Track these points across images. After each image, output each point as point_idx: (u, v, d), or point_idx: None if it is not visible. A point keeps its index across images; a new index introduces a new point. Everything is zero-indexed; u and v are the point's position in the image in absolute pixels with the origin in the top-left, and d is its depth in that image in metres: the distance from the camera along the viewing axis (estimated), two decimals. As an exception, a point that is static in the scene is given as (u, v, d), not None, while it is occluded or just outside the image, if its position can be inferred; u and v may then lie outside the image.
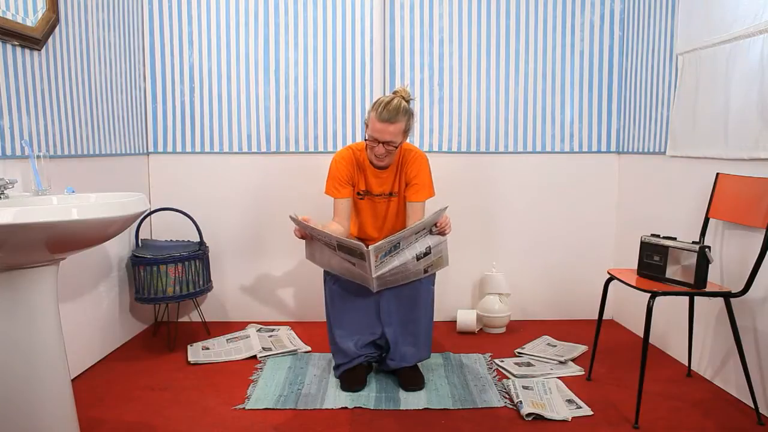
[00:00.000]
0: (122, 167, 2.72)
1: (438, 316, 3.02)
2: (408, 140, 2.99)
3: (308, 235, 2.13)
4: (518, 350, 2.64)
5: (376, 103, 2.21)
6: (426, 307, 2.27)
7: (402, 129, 2.19)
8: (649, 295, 1.95)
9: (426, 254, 2.07)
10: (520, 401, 2.06)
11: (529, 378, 2.31)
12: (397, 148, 2.23)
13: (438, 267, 2.15)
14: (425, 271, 2.12)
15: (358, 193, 2.39)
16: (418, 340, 2.27)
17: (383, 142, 2.18)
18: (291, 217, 2.07)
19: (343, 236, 2.30)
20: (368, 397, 2.16)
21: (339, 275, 2.20)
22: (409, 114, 2.21)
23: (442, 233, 2.08)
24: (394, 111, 2.15)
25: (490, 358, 2.54)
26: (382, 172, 2.35)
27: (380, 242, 1.94)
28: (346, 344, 2.25)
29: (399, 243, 2.00)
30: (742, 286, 1.94)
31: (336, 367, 2.29)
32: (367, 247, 1.91)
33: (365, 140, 2.25)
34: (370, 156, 2.30)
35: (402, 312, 2.23)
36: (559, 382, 2.27)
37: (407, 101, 2.22)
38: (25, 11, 2.02)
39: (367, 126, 2.24)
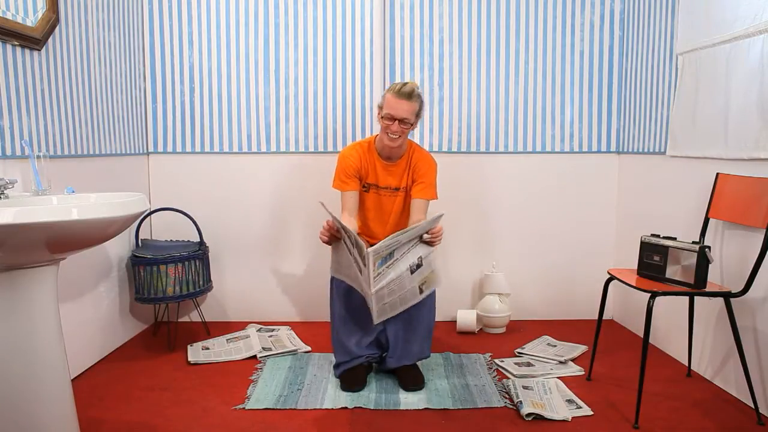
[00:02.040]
0: (122, 167, 2.72)
1: (438, 316, 3.01)
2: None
3: (335, 234, 2.11)
4: (518, 350, 2.64)
5: (390, 86, 2.29)
6: (428, 307, 2.27)
7: (416, 109, 2.27)
8: (649, 295, 1.95)
9: (419, 266, 2.06)
10: (520, 401, 2.06)
11: (529, 378, 2.31)
12: (410, 127, 2.28)
13: (431, 285, 2.13)
14: (420, 291, 2.09)
15: (363, 186, 2.39)
16: (420, 338, 2.27)
17: (399, 119, 2.23)
18: (321, 203, 2.04)
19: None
20: (368, 397, 2.16)
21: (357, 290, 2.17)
22: (421, 99, 2.31)
23: (431, 242, 2.08)
24: (411, 90, 2.25)
25: (490, 358, 2.54)
26: (392, 165, 2.36)
27: (378, 245, 1.92)
28: (349, 342, 2.25)
29: (394, 251, 1.99)
30: (742, 286, 1.94)
31: (336, 366, 2.29)
32: (368, 248, 1.91)
33: (381, 117, 2.28)
34: (382, 139, 2.31)
35: (404, 311, 2.23)
36: (559, 382, 2.27)
37: (419, 90, 2.32)
38: (25, 11, 2.02)
39: (380, 109, 2.30)
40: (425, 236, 2.07)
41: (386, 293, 2.00)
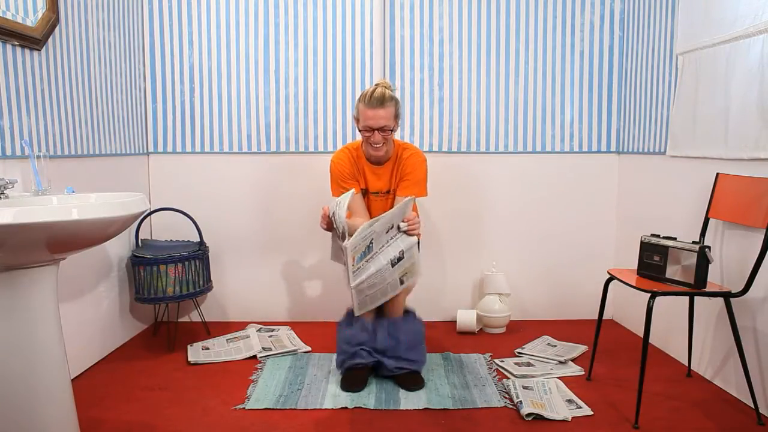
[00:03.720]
0: (122, 167, 2.72)
1: (438, 316, 3.03)
2: (408, 140, 3.01)
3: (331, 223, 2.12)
4: (518, 350, 2.64)
5: (361, 95, 2.26)
6: (412, 321, 2.29)
7: (393, 113, 2.24)
8: (649, 295, 1.95)
9: (399, 259, 2.06)
10: (520, 401, 2.06)
11: (529, 378, 2.31)
12: (392, 132, 2.26)
13: (411, 275, 2.13)
14: (401, 282, 2.10)
15: None
16: (413, 350, 2.28)
17: (378, 129, 2.21)
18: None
19: None
20: (368, 397, 2.16)
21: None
22: (395, 99, 2.26)
23: (411, 232, 2.08)
24: (381, 96, 2.20)
25: (490, 358, 2.54)
26: (379, 168, 2.35)
27: (354, 238, 1.90)
28: (354, 340, 2.25)
29: (372, 243, 1.98)
30: (742, 286, 1.94)
31: (340, 364, 2.28)
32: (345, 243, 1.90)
33: (360, 130, 2.28)
34: (366, 149, 2.31)
35: (391, 331, 2.26)
36: (559, 382, 2.27)
37: (390, 90, 2.27)
38: (25, 11, 2.02)
39: (357, 120, 2.29)
40: (402, 225, 2.07)
41: (366, 287, 2.01)
